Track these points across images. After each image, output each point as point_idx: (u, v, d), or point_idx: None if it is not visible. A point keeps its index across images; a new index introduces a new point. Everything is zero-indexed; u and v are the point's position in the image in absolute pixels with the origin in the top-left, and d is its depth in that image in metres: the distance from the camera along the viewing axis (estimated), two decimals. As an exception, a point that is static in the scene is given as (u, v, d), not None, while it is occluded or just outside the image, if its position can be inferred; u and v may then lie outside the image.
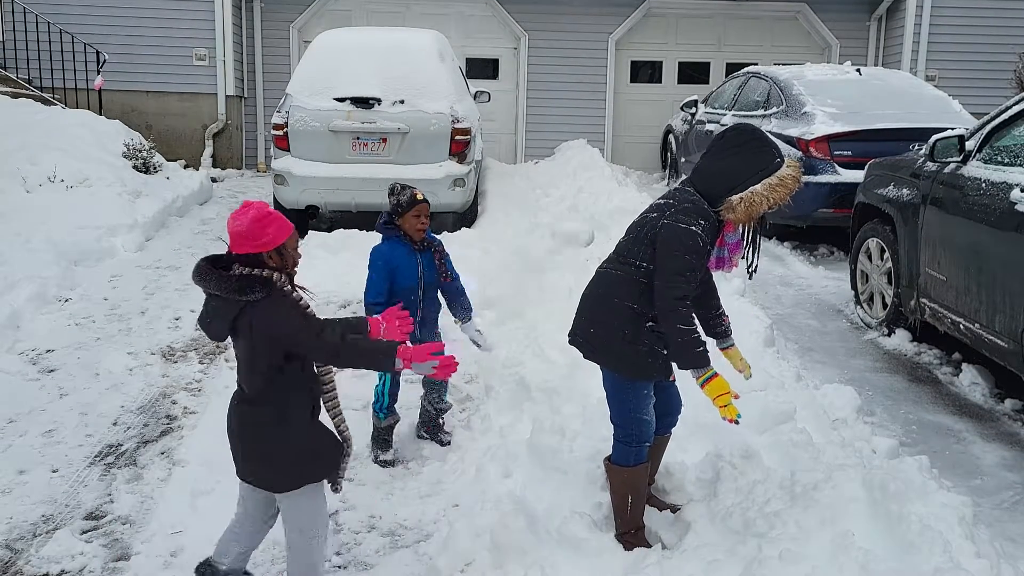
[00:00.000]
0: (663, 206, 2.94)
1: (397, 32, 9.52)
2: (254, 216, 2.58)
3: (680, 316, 2.83)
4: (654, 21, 13.22)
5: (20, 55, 11.05)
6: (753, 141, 2.92)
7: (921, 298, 5.27)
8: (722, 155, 2.93)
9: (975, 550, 2.94)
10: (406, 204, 3.82)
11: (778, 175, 2.86)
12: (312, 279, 6.37)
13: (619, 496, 3.14)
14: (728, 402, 2.84)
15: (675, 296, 2.83)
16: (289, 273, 2.68)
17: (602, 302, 3.03)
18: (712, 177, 2.92)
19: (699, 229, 2.84)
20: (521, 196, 9.35)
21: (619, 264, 3.00)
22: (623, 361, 3.00)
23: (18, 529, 3.46)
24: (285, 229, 2.63)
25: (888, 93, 8.42)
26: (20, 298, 5.76)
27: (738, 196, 2.85)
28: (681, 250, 2.83)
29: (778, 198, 2.86)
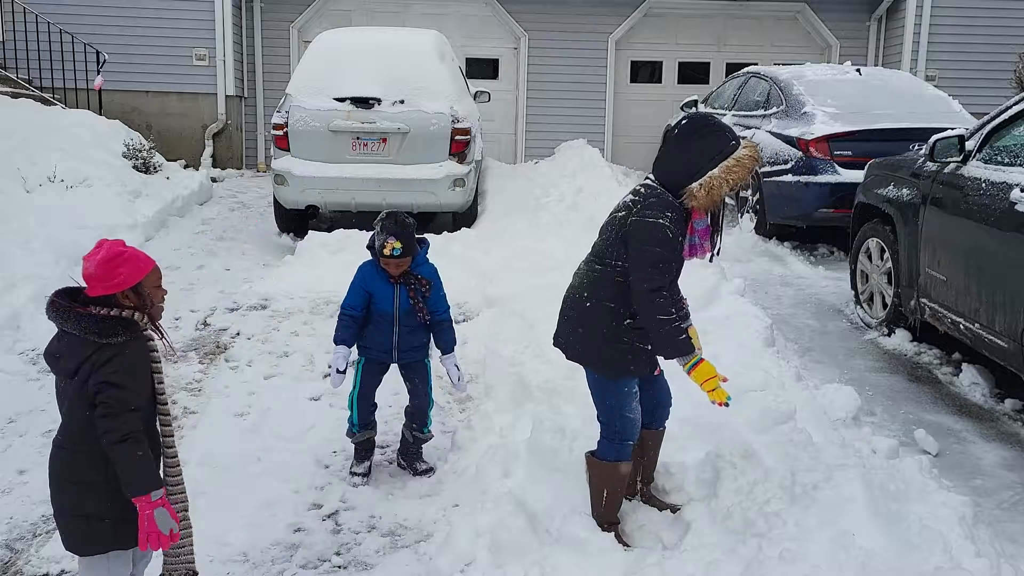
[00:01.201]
0: (630, 204, 2.99)
1: (397, 32, 9.53)
2: (103, 257, 2.42)
3: (658, 307, 2.88)
4: (654, 21, 13.22)
5: (20, 55, 11.04)
6: (706, 128, 2.98)
7: (921, 298, 5.27)
8: (678, 145, 3.00)
9: (975, 550, 2.94)
10: (379, 250, 3.69)
11: (734, 157, 2.92)
12: (312, 279, 6.46)
13: (596, 489, 3.21)
14: (716, 386, 2.88)
15: (651, 288, 2.88)
16: (150, 313, 2.50)
17: (581, 303, 3.07)
18: (671, 168, 2.98)
19: (667, 221, 2.89)
20: (521, 196, 9.35)
21: (595, 265, 3.07)
22: (604, 360, 3.04)
23: (18, 529, 3.46)
24: (140, 269, 2.46)
25: (888, 93, 8.42)
26: (20, 298, 5.76)
27: (698, 183, 2.91)
28: (651, 243, 2.89)
29: (736, 179, 2.92)
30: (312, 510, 3.64)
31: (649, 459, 3.38)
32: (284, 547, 3.39)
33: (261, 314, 5.90)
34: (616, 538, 3.16)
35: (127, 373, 2.41)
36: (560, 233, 7.40)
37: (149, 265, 2.50)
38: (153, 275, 2.51)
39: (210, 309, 6.07)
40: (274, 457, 4.02)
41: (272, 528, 3.50)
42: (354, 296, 3.78)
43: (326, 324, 5.74)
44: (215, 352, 5.30)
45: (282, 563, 3.29)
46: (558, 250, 6.59)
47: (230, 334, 5.57)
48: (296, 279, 6.50)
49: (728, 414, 3.96)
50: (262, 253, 7.79)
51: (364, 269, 3.82)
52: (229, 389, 4.76)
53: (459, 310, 6.00)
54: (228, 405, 4.56)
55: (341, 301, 3.83)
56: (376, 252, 3.70)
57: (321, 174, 7.79)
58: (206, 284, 6.71)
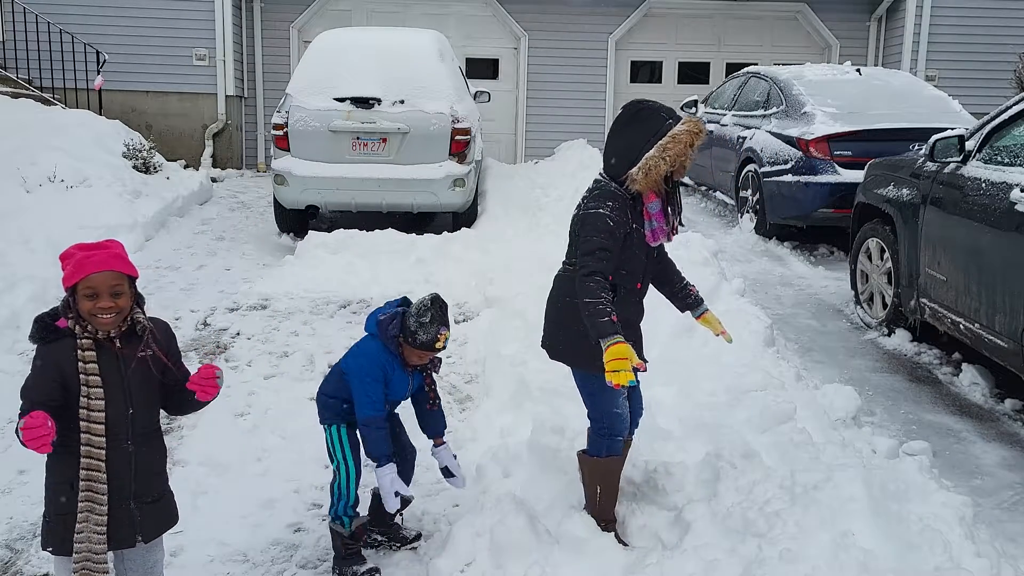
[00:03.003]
0: (580, 202, 3.05)
1: (397, 32, 9.53)
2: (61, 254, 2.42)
3: (587, 290, 2.86)
4: (654, 21, 13.22)
5: (20, 55, 11.04)
6: (640, 112, 2.99)
7: (921, 298, 5.27)
8: (616, 134, 3.02)
9: (975, 550, 2.94)
10: (422, 344, 3.08)
11: (669, 134, 2.90)
12: (312, 279, 6.46)
13: (590, 487, 3.22)
14: (618, 368, 2.71)
15: (583, 274, 2.89)
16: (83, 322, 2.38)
17: (560, 304, 3.11)
18: (612, 157, 3.02)
19: (607, 210, 2.92)
20: (521, 196, 9.35)
21: (566, 266, 3.12)
22: (588, 356, 3.01)
23: (18, 529, 3.46)
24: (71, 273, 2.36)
25: (888, 93, 8.42)
26: (20, 298, 5.76)
27: (636, 167, 2.92)
28: (589, 232, 2.92)
29: (674, 155, 2.90)
30: (312, 510, 3.63)
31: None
32: (284, 547, 3.39)
33: (261, 314, 5.90)
34: (616, 537, 3.16)
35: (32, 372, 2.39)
36: (560, 233, 7.36)
37: (81, 272, 2.36)
38: (84, 283, 2.35)
39: (210, 309, 6.07)
40: (274, 457, 4.02)
41: (272, 528, 3.50)
42: (377, 394, 3.10)
43: (326, 324, 5.75)
44: (215, 352, 5.30)
45: (282, 563, 3.29)
46: (558, 250, 6.58)
47: (230, 334, 5.57)
48: (296, 279, 6.50)
49: (728, 414, 3.98)
50: (262, 253, 7.79)
51: (379, 358, 3.12)
52: (229, 389, 4.75)
53: (459, 310, 6.01)
54: (228, 405, 4.55)
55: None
56: (415, 343, 3.07)
57: (321, 174, 7.79)
58: (206, 284, 6.71)
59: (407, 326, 3.08)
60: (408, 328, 3.07)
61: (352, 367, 3.15)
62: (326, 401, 3.26)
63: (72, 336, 2.39)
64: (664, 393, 4.12)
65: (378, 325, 3.12)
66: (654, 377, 3.96)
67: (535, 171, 10.92)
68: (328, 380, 3.31)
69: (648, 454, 3.66)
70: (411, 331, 3.06)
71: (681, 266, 3.41)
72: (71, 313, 2.40)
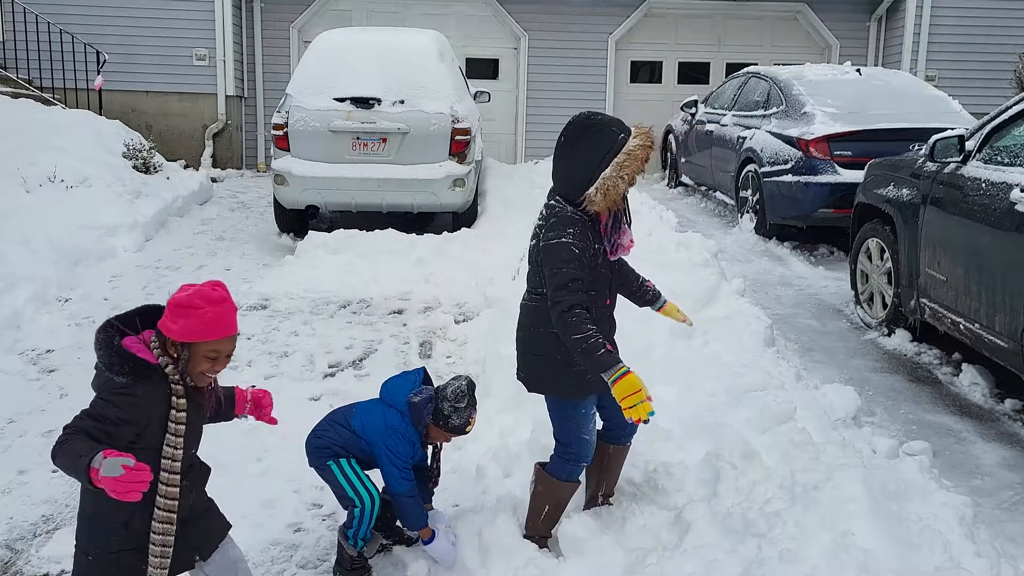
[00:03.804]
0: (537, 230, 2.92)
1: (397, 32, 9.53)
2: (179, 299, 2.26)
3: (571, 326, 2.73)
4: (654, 21, 13.22)
5: (20, 55, 11.05)
6: (591, 127, 2.85)
7: (921, 298, 5.27)
8: (566, 154, 2.87)
9: (975, 550, 2.94)
10: (453, 428, 3.13)
11: (624, 151, 2.79)
12: (312, 279, 6.46)
13: (539, 503, 3.16)
14: (636, 402, 2.64)
15: (562, 310, 2.75)
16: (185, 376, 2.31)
17: (528, 335, 3.04)
18: (566, 179, 2.88)
19: (569, 238, 2.78)
20: (521, 196, 9.34)
21: (532, 295, 3.01)
22: (563, 384, 2.99)
23: (18, 529, 3.46)
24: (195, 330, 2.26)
25: (888, 93, 8.43)
26: (20, 298, 5.76)
27: (593, 188, 2.79)
28: (557, 264, 2.78)
29: (632, 171, 2.80)
30: (312, 510, 3.63)
31: (613, 474, 3.34)
32: (284, 547, 3.39)
33: (261, 314, 5.90)
34: (545, 549, 3.13)
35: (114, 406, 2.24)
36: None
37: (211, 334, 2.28)
38: (210, 345, 2.29)
39: (210, 309, 6.06)
40: (274, 457, 4.01)
41: (272, 528, 3.50)
42: (409, 469, 3.12)
43: (326, 324, 5.75)
44: (215, 352, 5.30)
45: (282, 563, 3.29)
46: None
47: (230, 334, 5.56)
48: (296, 279, 6.50)
49: (728, 414, 3.98)
50: (262, 253, 7.79)
51: (411, 437, 3.12)
52: (229, 389, 4.76)
53: (459, 310, 6.01)
54: (228, 405, 4.55)
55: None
56: (447, 427, 3.11)
57: (321, 174, 7.79)
58: (206, 284, 6.70)
59: (441, 410, 3.09)
60: (442, 412, 3.09)
61: (381, 442, 3.09)
62: (326, 447, 3.15)
63: (162, 376, 2.28)
64: (664, 393, 4.12)
65: (411, 407, 3.10)
66: (654, 377, 3.96)
67: (535, 171, 10.91)
68: (330, 429, 3.20)
69: (648, 454, 3.65)
70: (445, 416, 3.09)
71: (681, 266, 3.41)
72: (167, 357, 2.28)
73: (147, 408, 2.27)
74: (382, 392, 3.22)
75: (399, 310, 6.06)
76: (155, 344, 2.30)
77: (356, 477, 3.10)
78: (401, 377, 3.25)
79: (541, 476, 3.16)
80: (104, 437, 2.21)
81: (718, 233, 8.51)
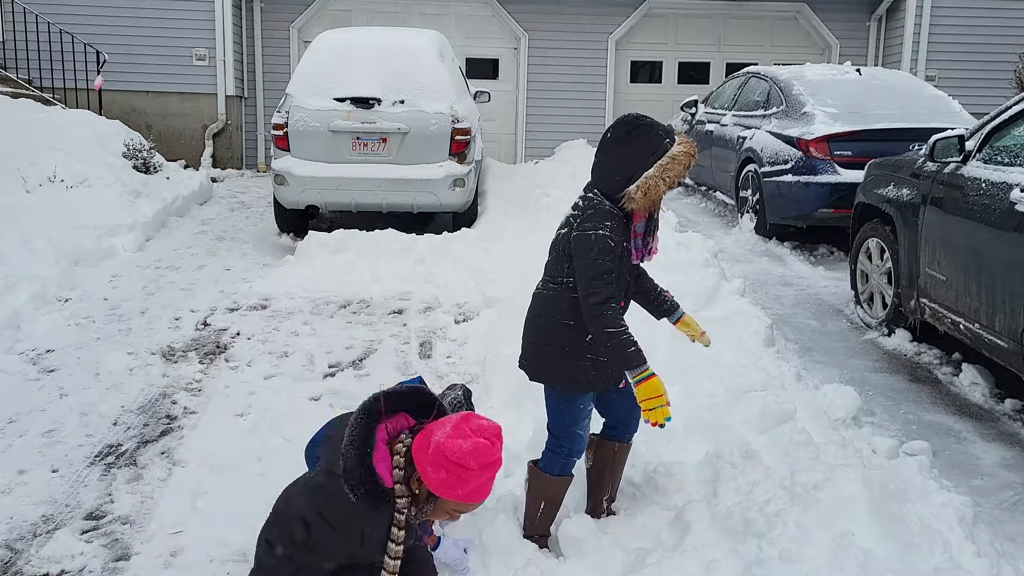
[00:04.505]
0: (571, 219, 2.96)
1: (397, 32, 9.53)
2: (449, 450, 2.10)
3: (606, 320, 2.80)
4: (654, 21, 13.22)
5: (20, 55, 11.05)
6: (638, 128, 2.91)
7: (921, 298, 5.27)
8: (611, 150, 2.93)
9: (975, 550, 2.94)
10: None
11: (669, 155, 2.85)
12: (312, 279, 6.46)
13: (534, 500, 3.16)
14: (656, 406, 2.72)
15: (597, 301, 2.81)
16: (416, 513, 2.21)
17: (540, 324, 3.05)
18: (607, 174, 2.94)
19: (606, 231, 2.84)
20: (521, 196, 9.35)
21: (550, 284, 3.03)
22: (566, 377, 3.02)
23: (18, 529, 3.46)
24: (453, 490, 2.14)
25: (888, 93, 8.42)
26: (20, 298, 5.76)
27: (635, 185, 2.85)
28: (593, 255, 2.83)
29: (673, 176, 2.85)
30: (312, 510, 3.63)
31: (616, 474, 3.33)
32: (284, 547, 3.38)
33: (261, 314, 5.90)
34: (546, 548, 3.13)
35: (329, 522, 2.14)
36: (560, 233, 7.40)
37: (473, 499, 2.19)
38: (464, 505, 2.21)
39: (210, 309, 6.06)
40: (274, 457, 4.01)
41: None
42: None
43: (326, 324, 5.75)
44: (215, 352, 5.30)
45: (282, 563, 3.29)
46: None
47: (230, 334, 5.57)
48: (296, 279, 6.50)
49: (728, 414, 3.98)
50: (262, 253, 7.79)
51: None
52: (229, 389, 4.76)
53: (459, 310, 6.01)
54: (228, 405, 4.56)
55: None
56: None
57: (321, 174, 7.79)
58: (206, 284, 6.71)
59: None
60: None
61: None
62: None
63: (390, 501, 2.20)
64: (664, 393, 4.12)
65: None
66: (654, 377, 3.96)
67: (535, 171, 10.91)
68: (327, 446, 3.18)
69: (648, 454, 3.66)
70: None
71: (681, 266, 3.41)
72: (406, 489, 2.18)
73: (359, 532, 2.19)
74: None
75: (399, 310, 6.06)
76: (398, 468, 2.15)
77: None
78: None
79: (534, 473, 3.17)
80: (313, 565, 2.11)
81: (718, 233, 8.51)
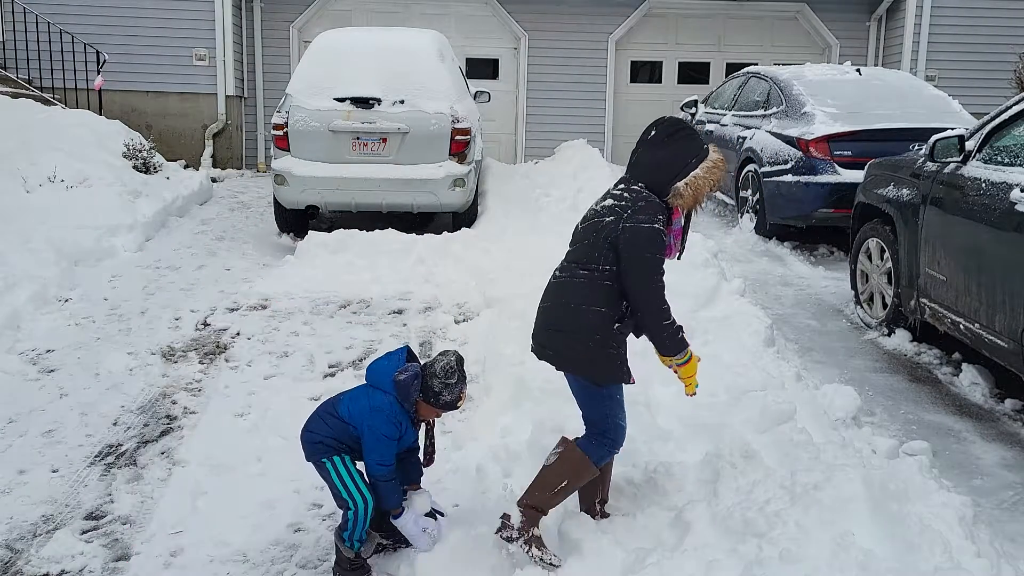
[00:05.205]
0: (617, 208, 2.97)
1: (397, 32, 9.53)
2: None
3: (665, 312, 2.96)
4: (654, 21, 13.22)
5: (20, 55, 11.05)
6: (684, 130, 3.03)
7: (921, 298, 5.27)
8: (659, 146, 3.01)
9: (975, 550, 2.94)
10: (445, 404, 3.10)
11: (711, 159, 2.99)
12: (312, 279, 6.45)
13: (557, 476, 3.06)
14: (692, 380, 3.07)
15: (660, 296, 2.94)
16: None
17: (570, 311, 3.02)
18: (655, 169, 3.00)
19: (660, 225, 2.93)
20: (521, 196, 9.35)
21: (579, 271, 3.02)
22: (598, 367, 3.02)
23: (18, 529, 3.46)
24: None
25: (888, 93, 8.42)
26: (20, 298, 5.76)
27: (683, 182, 2.95)
28: (652, 250, 2.91)
29: (716, 179, 2.99)
30: (312, 510, 3.63)
31: (607, 477, 3.32)
32: (284, 547, 3.39)
33: (261, 314, 5.90)
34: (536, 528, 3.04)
35: None
36: (560, 233, 7.38)
37: None
38: None
39: (210, 309, 6.07)
40: (274, 457, 4.01)
41: (272, 528, 3.49)
42: (391, 452, 3.08)
43: (326, 324, 5.75)
44: (215, 352, 5.30)
45: (282, 563, 3.29)
46: (558, 250, 6.58)
47: (230, 334, 5.57)
48: (296, 279, 6.50)
49: (728, 414, 3.98)
50: (262, 253, 7.79)
51: (396, 417, 3.06)
52: (229, 389, 4.77)
53: (459, 310, 6.01)
54: (228, 405, 4.56)
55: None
56: (438, 403, 3.09)
57: (321, 174, 7.79)
58: (206, 284, 6.71)
59: (431, 387, 3.06)
60: (432, 389, 3.06)
61: (365, 423, 3.06)
62: (319, 442, 3.11)
63: None
64: (664, 393, 4.12)
65: (396, 385, 3.05)
66: (653, 377, 3.96)
67: (535, 171, 10.92)
68: (319, 422, 3.14)
69: (648, 454, 3.66)
70: (435, 392, 3.06)
71: (681, 266, 3.41)
72: None
73: None
74: (367, 375, 3.19)
75: (399, 310, 6.06)
76: None
77: (350, 478, 3.08)
78: (385, 358, 3.19)
79: (572, 450, 3.06)
80: None
81: (718, 233, 8.51)
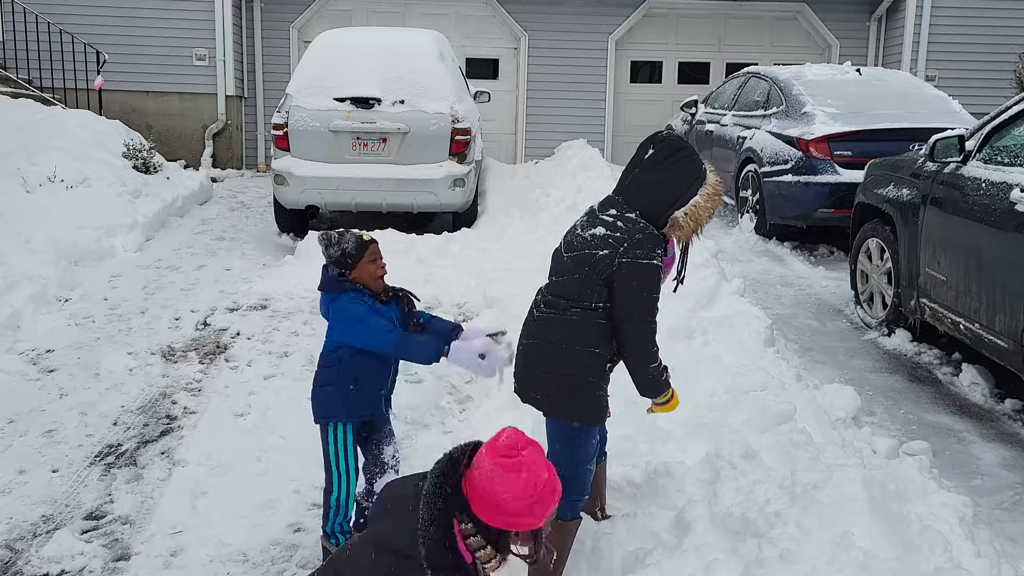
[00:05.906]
0: (612, 241, 2.70)
1: (397, 32, 9.53)
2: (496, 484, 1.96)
3: (654, 355, 2.77)
4: (654, 21, 13.22)
5: (20, 55, 11.05)
6: (682, 151, 2.77)
7: (921, 298, 5.27)
8: (658, 169, 2.75)
9: (975, 550, 2.94)
10: (354, 251, 3.02)
11: (709, 183, 2.76)
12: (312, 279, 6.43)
13: (563, 552, 2.88)
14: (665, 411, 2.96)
15: (652, 339, 2.74)
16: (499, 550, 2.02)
17: (560, 351, 2.75)
18: (652, 194, 2.74)
19: (658, 260, 2.68)
20: (521, 196, 9.35)
21: (571, 308, 2.75)
22: (587, 410, 2.79)
23: (18, 529, 3.46)
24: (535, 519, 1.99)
25: (888, 93, 8.43)
26: (20, 298, 5.76)
27: (682, 212, 2.72)
28: (650, 288, 2.69)
29: (714, 206, 2.76)
30: (312, 510, 3.63)
31: (602, 490, 3.28)
32: (284, 547, 3.39)
33: (261, 314, 5.90)
34: None
35: None
36: (560, 233, 7.38)
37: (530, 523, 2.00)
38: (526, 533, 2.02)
39: (210, 309, 6.07)
40: (274, 457, 4.02)
41: (272, 528, 3.50)
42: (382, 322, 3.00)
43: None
44: (215, 352, 5.30)
45: (282, 563, 3.29)
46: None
47: (230, 334, 5.57)
48: (296, 279, 6.49)
49: (728, 414, 3.98)
50: (262, 253, 7.79)
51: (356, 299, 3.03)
52: (229, 389, 4.77)
53: (459, 310, 6.01)
54: (228, 405, 4.56)
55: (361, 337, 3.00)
56: (353, 259, 3.04)
57: (321, 174, 7.79)
58: (206, 284, 6.71)
59: (335, 257, 3.05)
60: (335, 257, 3.05)
61: (342, 329, 3.04)
62: (326, 393, 3.11)
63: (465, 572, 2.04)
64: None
65: (328, 281, 3.09)
66: (654, 377, 3.96)
67: (535, 171, 10.92)
68: (321, 372, 3.18)
69: (648, 454, 3.66)
70: (342, 257, 3.03)
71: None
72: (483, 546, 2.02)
73: None
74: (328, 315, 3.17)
75: (399, 310, 6.05)
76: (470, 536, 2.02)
77: (345, 450, 3.07)
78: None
79: (562, 530, 2.84)
80: None
81: (718, 233, 8.51)
